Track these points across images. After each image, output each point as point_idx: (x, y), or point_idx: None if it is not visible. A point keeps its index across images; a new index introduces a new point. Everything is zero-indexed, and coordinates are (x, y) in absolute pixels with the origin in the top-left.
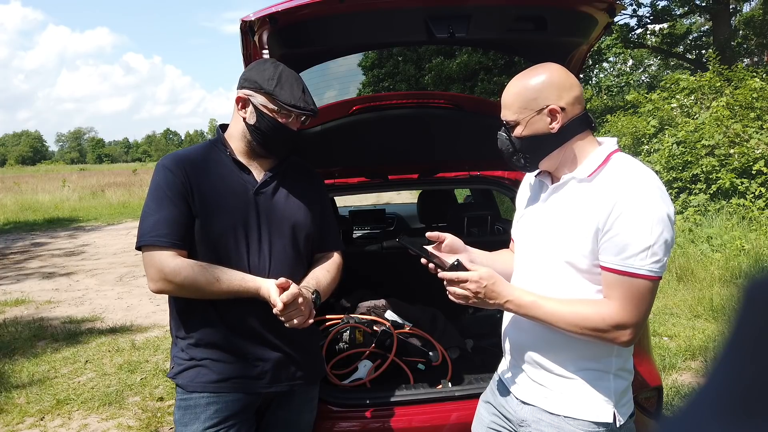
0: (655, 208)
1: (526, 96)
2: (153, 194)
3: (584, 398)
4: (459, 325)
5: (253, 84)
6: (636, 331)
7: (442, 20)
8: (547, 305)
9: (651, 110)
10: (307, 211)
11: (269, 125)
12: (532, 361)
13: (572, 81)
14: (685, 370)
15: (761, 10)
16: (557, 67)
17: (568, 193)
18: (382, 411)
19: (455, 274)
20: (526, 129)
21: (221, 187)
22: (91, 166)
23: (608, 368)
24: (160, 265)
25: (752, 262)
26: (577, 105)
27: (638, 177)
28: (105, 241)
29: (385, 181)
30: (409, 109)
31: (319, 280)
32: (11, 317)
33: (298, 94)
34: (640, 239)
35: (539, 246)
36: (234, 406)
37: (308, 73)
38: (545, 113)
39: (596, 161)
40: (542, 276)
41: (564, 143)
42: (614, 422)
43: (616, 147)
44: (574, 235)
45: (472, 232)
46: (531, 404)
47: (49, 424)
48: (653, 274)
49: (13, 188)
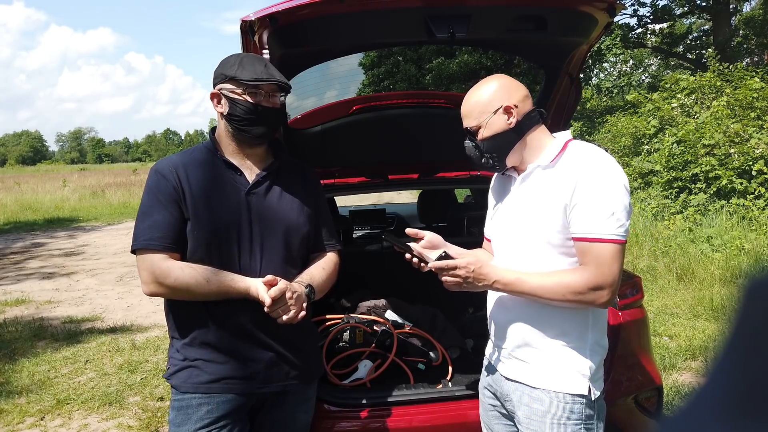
0: (612, 180)
1: (482, 102)
2: (146, 199)
3: (562, 372)
4: (459, 325)
5: (219, 77)
6: (612, 290)
7: (442, 20)
8: (530, 279)
9: (651, 110)
10: (301, 210)
11: (242, 108)
12: (514, 337)
13: (518, 83)
14: (685, 370)
15: (761, 10)
16: (503, 75)
17: (535, 180)
18: (382, 411)
19: (444, 263)
20: (487, 130)
21: (212, 189)
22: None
23: (584, 343)
24: (151, 268)
25: (752, 262)
26: (527, 101)
27: (594, 156)
28: (105, 241)
29: (385, 181)
30: (409, 109)
31: (313, 275)
32: (11, 317)
33: (260, 69)
34: (603, 208)
35: (517, 230)
36: (226, 407)
37: (308, 73)
38: (501, 112)
39: (556, 149)
40: (523, 257)
41: (523, 135)
42: (589, 394)
43: (570, 136)
44: (546, 214)
45: (472, 231)
46: (514, 380)
47: (50, 423)
48: (619, 238)
49: (13, 188)
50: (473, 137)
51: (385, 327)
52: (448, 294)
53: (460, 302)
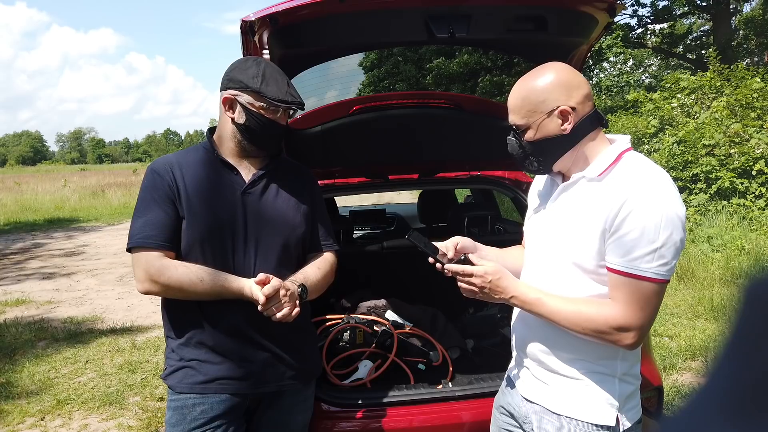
0: (664, 209)
1: (535, 99)
2: (141, 197)
3: (587, 400)
4: (459, 325)
5: (239, 84)
6: (640, 335)
7: (443, 20)
8: (550, 303)
9: (651, 110)
10: (297, 210)
11: (258, 123)
12: (537, 359)
13: (580, 79)
14: (685, 370)
15: (761, 10)
16: (563, 66)
17: (578, 193)
18: (382, 411)
19: (461, 268)
20: (537, 132)
21: (208, 188)
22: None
23: (613, 372)
24: (146, 266)
25: (752, 262)
26: (587, 103)
27: (648, 176)
28: (105, 241)
29: (386, 181)
30: (409, 109)
31: (308, 275)
32: (12, 317)
33: (285, 89)
34: (648, 240)
35: (547, 245)
36: (221, 407)
37: (308, 73)
38: (556, 115)
39: (607, 160)
40: (550, 275)
41: (577, 143)
42: (617, 426)
43: (628, 146)
44: (582, 235)
45: (472, 232)
46: (534, 402)
47: (50, 424)
48: (660, 277)
49: (13, 188)
50: (519, 135)
51: (385, 327)
52: (448, 294)
53: (460, 303)
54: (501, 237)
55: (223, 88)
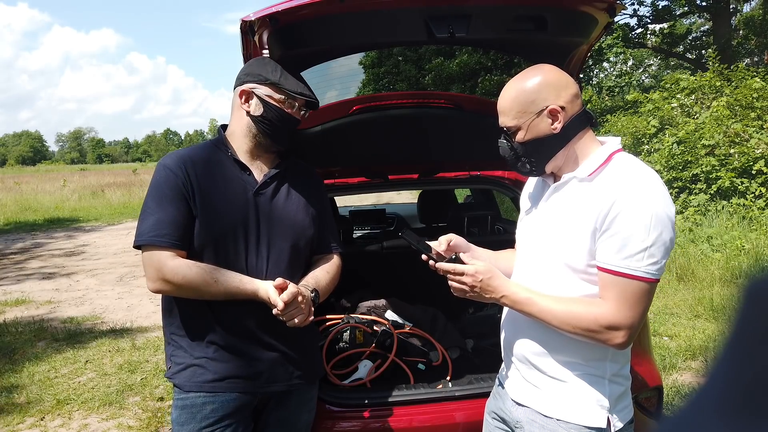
0: (654, 208)
1: (524, 100)
2: (153, 193)
3: (577, 402)
4: (459, 325)
5: (257, 77)
6: (630, 334)
7: (442, 20)
8: (541, 302)
9: (651, 110)
10: (307, 212)
11: (276, 115)
12: (527, 361)
13: (568, 79)
14: (685, 370)
15: (761, 10)
16: (551, 67)
17: (569, 193)
18: (382, 411)
19: (452, 266)
20: (528, 133)
21: (221, 187)
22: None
23: (603, 373)
24: (158, 265)
25: (752, 262)
26: (576, 102)
27: (638, 176)
28: (105, 241)
29: (385, 181)
30: (409, 109)
31: (319, 279)
32: (11, 317)
33: (302, 84)
34: (638, 240)
35: (538, 245)
36: (230, 406)
37: (308, 73)
38: (546, 114)
39: (598, 160)
40: (540, 275)
41: (568, 142)
42: (608, 427)
43: (618, 146)
44: (573, 234)
45: (472, 232)
46: (525, 405)
47: (50, 424)
48: (650, 276)
49: (13, 188)
50: (509, 138)
51: (385, 327)
52: (448, 294)
53: (460, 303)
54: (501, 237)
55: (239, 83)
